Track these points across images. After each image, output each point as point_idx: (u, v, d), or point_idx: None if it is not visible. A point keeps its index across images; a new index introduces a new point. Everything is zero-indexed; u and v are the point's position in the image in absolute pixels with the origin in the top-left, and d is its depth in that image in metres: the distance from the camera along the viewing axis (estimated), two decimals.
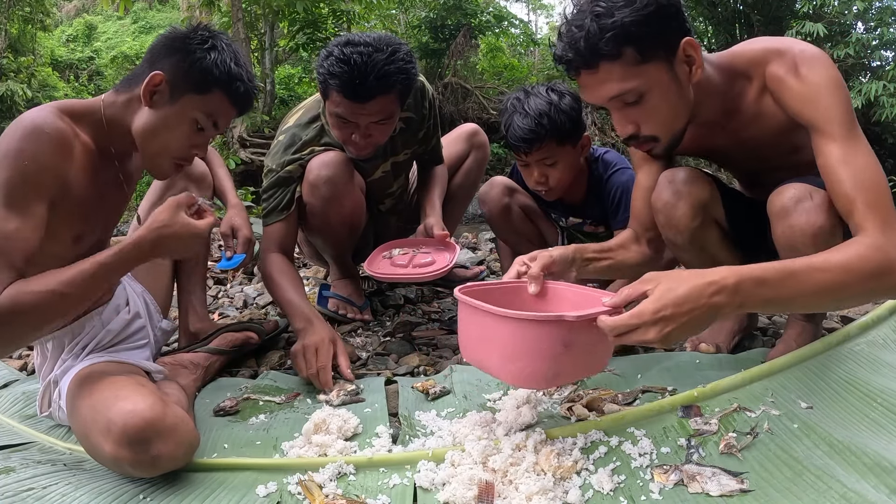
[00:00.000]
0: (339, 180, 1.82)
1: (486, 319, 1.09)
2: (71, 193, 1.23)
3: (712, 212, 1.48)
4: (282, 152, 1.85)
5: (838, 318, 1.93)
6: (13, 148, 1.15)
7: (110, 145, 1.32)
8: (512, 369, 1.08)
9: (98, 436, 1.09)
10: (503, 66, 11.52)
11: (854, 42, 8.72)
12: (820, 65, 1.22)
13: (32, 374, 1.79)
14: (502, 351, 1.08)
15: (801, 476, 1.01)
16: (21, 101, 9.68)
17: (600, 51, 1.17)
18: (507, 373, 1.10)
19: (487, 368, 1.15)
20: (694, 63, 1.24)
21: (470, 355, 1.18)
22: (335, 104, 1.66)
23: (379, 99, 1.63)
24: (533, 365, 1.05)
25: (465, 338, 1.19)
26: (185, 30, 1.30)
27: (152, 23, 19.22)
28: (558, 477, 1.06)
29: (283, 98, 10.83)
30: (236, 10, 8.55)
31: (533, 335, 1.04)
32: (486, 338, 1.11)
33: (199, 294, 1.78)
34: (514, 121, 1.79)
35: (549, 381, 1.09)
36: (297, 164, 1.83)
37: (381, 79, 1.58)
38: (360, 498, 1.06)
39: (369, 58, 1.56)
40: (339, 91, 1.61)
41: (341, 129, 1.72)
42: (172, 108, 1.27)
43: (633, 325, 1.00)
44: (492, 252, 3.17)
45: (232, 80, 1.30)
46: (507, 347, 1.07)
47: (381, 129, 1.72)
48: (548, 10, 22.29)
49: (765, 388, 1.27)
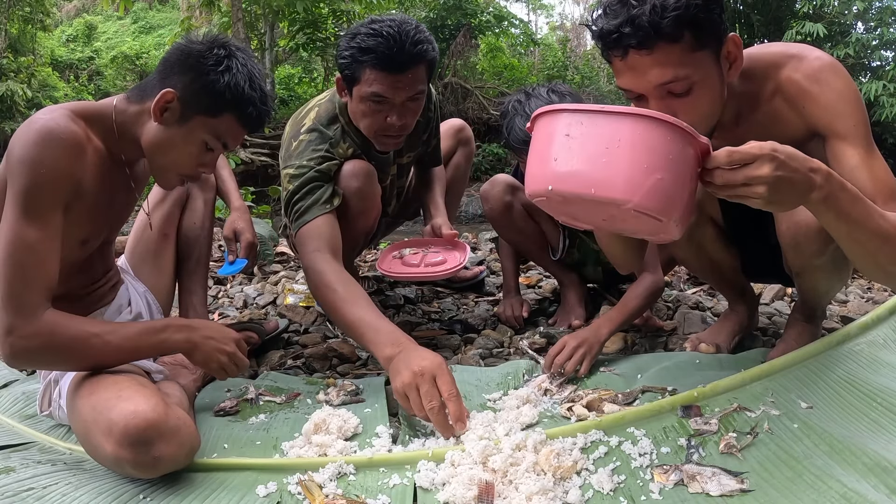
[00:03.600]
0: (367, 192, 1.77)
1: (623, 125, 0.95)
2: (83, 197, 1.23)
3: (708, 209, 1.48)
4: (311, 150, 1.74)
5: (838, 318, 1.93)
6: (28, 155, 1.13)
7: (121, 151, 1.32)
8: (649, 182, 0.95)
9: (99, 436, 1.09)
10: (503, 66, 11.53)
11: (854, 42, 8.73)
12: (840, 73, 1.23)
13: (32, 374, 1.79)
14: (640, 160, 0.94)
15: (801, 476, 1.01)
16: (21, 101, 9.68)
17: (663, 30, 1.08)
18: (641, 188, 0.95)
19: (607, 187, 0.97)
20: (734, 62, 1.20)
21: (571, 180, 0.99)
22: (370, 83, 1.60)
23: (414, 70, 1.61)
24: (671, 180, 0.96)
25: (570, 156, 0.99)
26: (202, 46, 1.27)
27: (152, 23, 19.22)
28: (558, 477, 1.06)
29: (283, 98, 10.83)
30: (236, 10, 8.55)
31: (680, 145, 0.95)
32: (615, 148, 0.95)
33: (200, 294, 1.78)
34: (516, 123, 1.78)
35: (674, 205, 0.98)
36: (333, 163, 1.74)
37: (416, 45, 1.58)
38: (360, 498, 1.06)
39: (401, 28, 1.57)
40: (376, 65, 1.58)
41: (375, 114, 1.66)
42: (182, 127, 1.26)
43: (753, 155, 0.96)
44: (492, 252, 3.17)
45: (244, 105, 1.27)
46: (649, 155, 0.94)
47: (412, 110, 1.69)
48: (548, 10, 22.29)
49: (765, 388, 1.27)
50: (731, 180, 0.98)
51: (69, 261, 1.24)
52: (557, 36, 19.67)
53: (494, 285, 2.47)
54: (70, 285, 1.33)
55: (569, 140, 0.99)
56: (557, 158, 1.00)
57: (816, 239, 1.24)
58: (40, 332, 1.13)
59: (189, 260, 1.73)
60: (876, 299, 2.24)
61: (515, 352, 1.79)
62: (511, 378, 1.53)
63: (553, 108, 1.03)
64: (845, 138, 1.19)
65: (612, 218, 1.07)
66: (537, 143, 1.05)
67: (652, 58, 1.12)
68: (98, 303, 1.47)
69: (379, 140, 1.74)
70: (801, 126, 1.26)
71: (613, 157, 0.96)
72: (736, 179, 0.97)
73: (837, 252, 1.30)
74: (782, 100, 1.27)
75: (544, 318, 2.04)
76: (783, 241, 1.31)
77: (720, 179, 0.99)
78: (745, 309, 1.67)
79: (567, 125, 1.00)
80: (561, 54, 11.83)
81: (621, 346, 1.73)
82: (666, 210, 0.98)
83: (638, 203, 0.96)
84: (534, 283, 2.51)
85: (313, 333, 2.00)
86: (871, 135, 1.21)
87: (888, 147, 9.29)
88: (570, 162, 0.99)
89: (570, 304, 1.99)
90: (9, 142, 1.18)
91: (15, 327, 1.12)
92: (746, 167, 0.96)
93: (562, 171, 0.99)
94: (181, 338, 1.26)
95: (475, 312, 2.15)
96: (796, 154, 0.98)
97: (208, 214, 1.72)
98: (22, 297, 1.12)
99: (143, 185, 1.45)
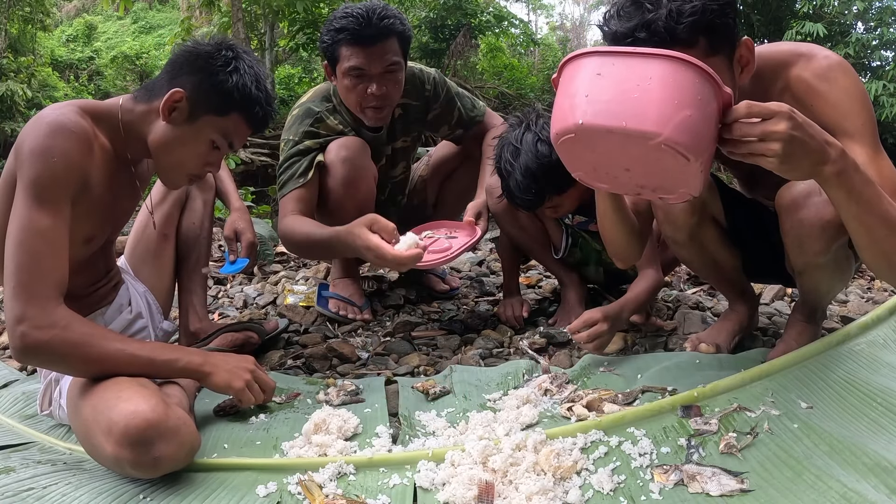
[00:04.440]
0: (357, 162, 1.92)
1: (656, 65, 0.98)
2: (89, 193, 1.23)
3: (711, 209, 1.48)
4: (298, 123, 1.95)
5: (838, 318, 1.93)
6: (39, 145, 1.14)
7: (126, 150, 1.32)
8: (680, 117, 0.96)
9: (99, 436, 1.09)
10: (503, 66, 11.53)
11: (854, 42, 8.73)
12: (848, 72, 1.23)
13: (33, 374, 1.79)
14: (672, 96, 0.96)
15: (801, 476, 1.02)
16: (21, 101, 9.67)
17: (678, 35, 1.09)
18: (671, 122, 0.97)
19: (639, 119, 0.98)
20: (747, 66, 1.20)
21: (603, 110, 1.00)
22: (347, 58, 1.81)
23: (384, 42, 1.81)
24: (699, 118, 0.98)
25: (602, 91, 1.00)
26: (209, 48, 1.30)
27: (152, 23, 19.21)
28: (558, 477, 1.06)
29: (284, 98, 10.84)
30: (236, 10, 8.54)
31: (707, 88, 0.98)
32: (648, 85, 0.97)
33: (200, 294, 1.78)
34: (512, 187, 1.77)
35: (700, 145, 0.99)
36: (315, 140, 1.93)
37: (382, 19, 1.79)
38: (360, 498, 1.06)
39: (369, 8, 1.80)
40: (349, 41, 1.79)
41: (356, 88, 1.84)
42: (190, 126, 1.28)
43: (772, 111, 0.98)
44: (492, 252, 3.17)
45: (251, 104, 1.31)
46: (680, 92, 0.97)
47: (391, 82, 1.86)
48: (548, 10, 22.27)
49: (765, 388, 1.27)
50: (748, 133, 0.99)
51: (74, 259, 1.24)
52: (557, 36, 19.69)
53: (494, 285, 2.47)
54: (73, 284, 1.32)
55: (600, 78, 1.00)
56: (589, 94, 1.00)
57: (820, 237, 1.24)
58: (55, 324, 1.11)
59: (189, 260, 1.73)
60: (876, 299, 2.24)
61: (515, 352, 1.79)
62: (511, 378, 1.53)
63: (582, 52, 1.04)
64: (853, 137, 1.19)
65: (636, 163, 1.06)
66: (566, 84, 1.05)
67: None
68: (100, 302, 1.47)
69: (365, 114, 1.90)
70: None
71: (645, 93, 0.97)
72: (753, 133, 0.98)
73: (840, 252, 1.30)
74: (791, 98, 1.27)
75: (544, 318, 2.04)
76: (786, 239, 1.31)
77: (738, 131, 1.00)
78: (745, 309, 1.67)
79: (599, 65, 1.01)
80: (561, 54, 11.83)
81: (621, 346, 1.73)
82: (694, 147, 0.98)
83: (668, 136, 0.97)
84: (534, 283, 2.51)
85: (313, 333, 2.00)
86: (878, 134, 1.21)
87: (888, 147, 9.20)
88: (602, 96, 0.99)
89: (571, 304, 1.99)
90: (9, 142, 1.18)
91: (27, 316, 1.10)
92: (764, 122, 0.98)
93: (594, 105, 0.99)
94: (198, 360, 1.26)
95: (475, 312, 2.15)
96: (813, 123, 1.00)
97: (208, 215, 1.73)
98: (35, 287, 1.11)
99: (145, 185, 1.46)
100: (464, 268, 2.82)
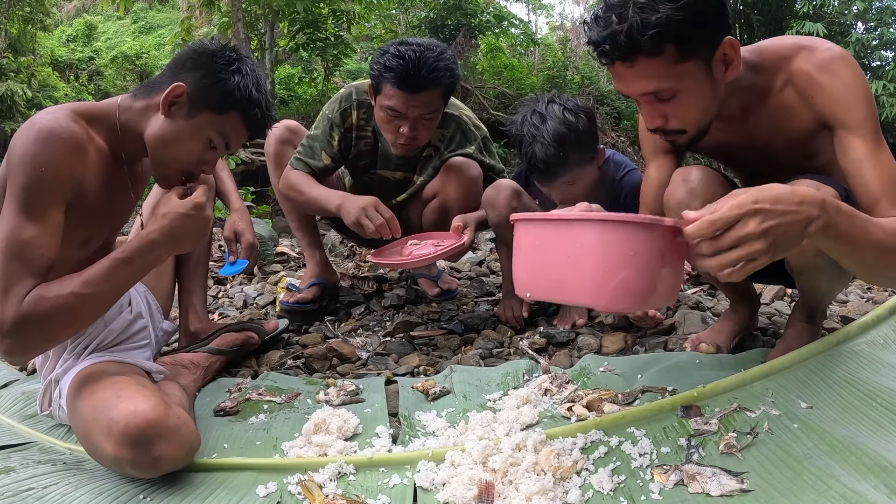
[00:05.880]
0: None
1: (582, 231, 0.99)
2: (84, 197, 1.23)
3: None
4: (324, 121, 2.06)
5: (838, 318, 1.93)
6: (28, 153, 1.14)
7: (122, 149, 1.32)
8: (613, 284, 0.97)
9: (99, 436, 1.09)
10: (503, 66, 11.49)
11: (854, 42, 8.72)
12: (851, 65, 1.22)
13: (33, 374, 1.79)
14: (601, 264, 0.98)
15: (801, 476, 1.02)
16: (21, 101, 9.67)
17: (640, 46, 1.12)
18: (605, 291, 0.99)
19: (575, 293, 1.02)
20: (731, 64, 1.21)
21: (545, 286, 1.05)
22: (388, 97, 1.82)
23: (427, 92, 1.81)
24: (637, 276, 0.97)
25: (540, 264, 1.05)
26: (214, 47, 1.31)
27: (152, 23, 19.21)
28: (558, 477, 1.06)
29: (284, 98, 10.83)
30: (236, 10, 8.54)
31: (641, 239, 0.96)
32: (577, 254, 1.00)
33: (200, 294, 1.78)
34: (536, 151, 1.78)
35: (647, 298, 1.00)
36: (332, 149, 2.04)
37: (431, 72, 1.78)
38: (360, 498, 1.06)
39: (422, 54, 1.78)
40: (394, 83, 1.79)
41: (390, 123, 1.86)
42: (189, 122, 1.27)
43: (734, 216, 0.92)
44: (492, 252, 3.17)
45: (251, 106, 1.31)
46: (608, 258, 0.97)
47: (426, 126, 1.89)
48: (548, 10, 22.28)
49: (765, 388, 1.27)
50: (719, 247, 0.94)
51: (72, 260, 1.24)
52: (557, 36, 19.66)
53: (494, 285, 2.47)
54: None
55: (538, 251, 1.06)
56: (531, 269, 1.07)
57: None
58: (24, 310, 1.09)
59: (189, 260, 1.73)
60: (876, 299, 2.24)
61: (515, 352, 1.79)
62: (511, 378, 1.53)
63: (523, 217, 1.09)
64: (853, 130, 1.19)
65: None
66: (516, 246, 1.13)
67: (634, 70, 1.17)
68: None
69: (393, 145, 1.93)
70: (810, 117, 1.26)
71: (576, 266, 1.01)
72: (723, 245, 0.94)
73: None
74: (793, 91, 1.27)
75: (544, 318, 2.04)
76: None
77: (708, 249, 0.95)
78: (745, 309, 1.67)
79: (537, 235, 1.08)
80: (561, 54, 11.79)
81: (621, 346, 1.73)
82: (635, 305, 1.04)
83: (606, 305, 1.03)
84: None
85: (313, 333, 2.00)
86: (880, 128, 1.20)
87: (888, 147, 9.28)
88: (542, 271, 1.05)
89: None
90: (9, 142, 1.18)
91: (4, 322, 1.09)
92: (731, 230, 0.93)
93: (536, 280, 1.06)
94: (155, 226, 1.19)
95: (475, 312, 2.15)
96: (780, 194, 0.94)
97: None
98: (14, 294, 1.10)
99: (143, 185, 1.46)
100: (464, 268, 2.82)
